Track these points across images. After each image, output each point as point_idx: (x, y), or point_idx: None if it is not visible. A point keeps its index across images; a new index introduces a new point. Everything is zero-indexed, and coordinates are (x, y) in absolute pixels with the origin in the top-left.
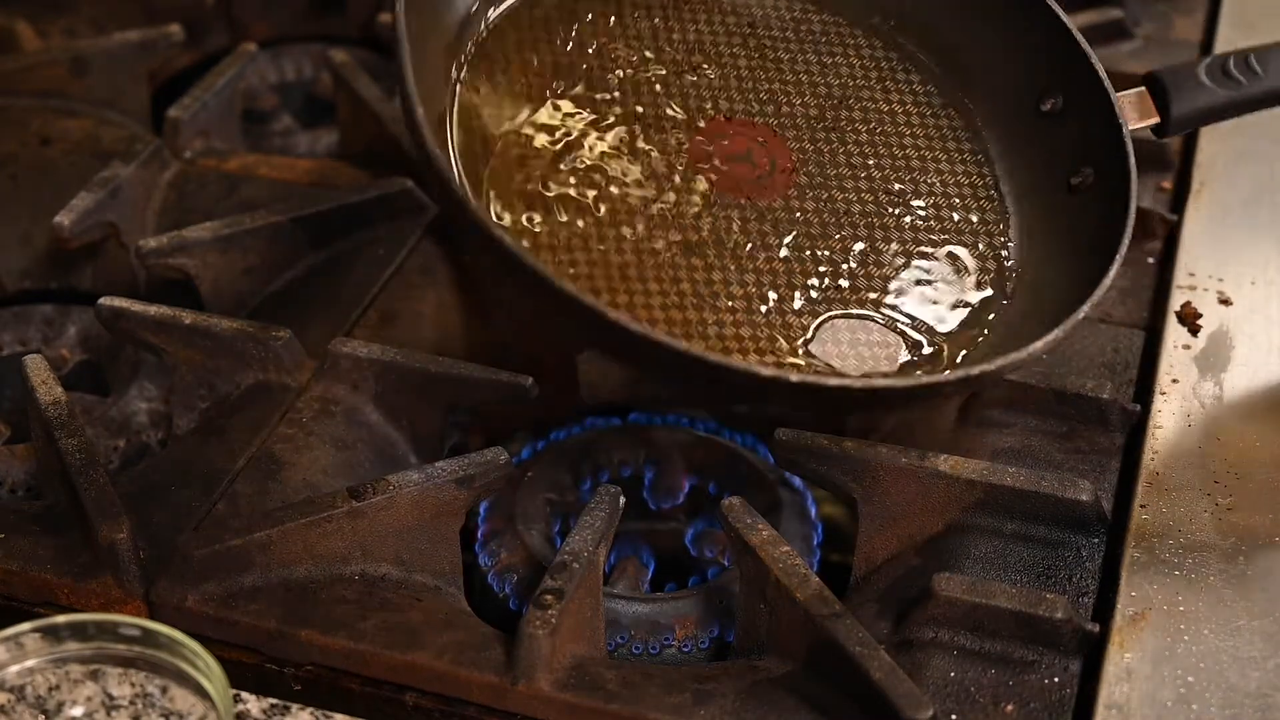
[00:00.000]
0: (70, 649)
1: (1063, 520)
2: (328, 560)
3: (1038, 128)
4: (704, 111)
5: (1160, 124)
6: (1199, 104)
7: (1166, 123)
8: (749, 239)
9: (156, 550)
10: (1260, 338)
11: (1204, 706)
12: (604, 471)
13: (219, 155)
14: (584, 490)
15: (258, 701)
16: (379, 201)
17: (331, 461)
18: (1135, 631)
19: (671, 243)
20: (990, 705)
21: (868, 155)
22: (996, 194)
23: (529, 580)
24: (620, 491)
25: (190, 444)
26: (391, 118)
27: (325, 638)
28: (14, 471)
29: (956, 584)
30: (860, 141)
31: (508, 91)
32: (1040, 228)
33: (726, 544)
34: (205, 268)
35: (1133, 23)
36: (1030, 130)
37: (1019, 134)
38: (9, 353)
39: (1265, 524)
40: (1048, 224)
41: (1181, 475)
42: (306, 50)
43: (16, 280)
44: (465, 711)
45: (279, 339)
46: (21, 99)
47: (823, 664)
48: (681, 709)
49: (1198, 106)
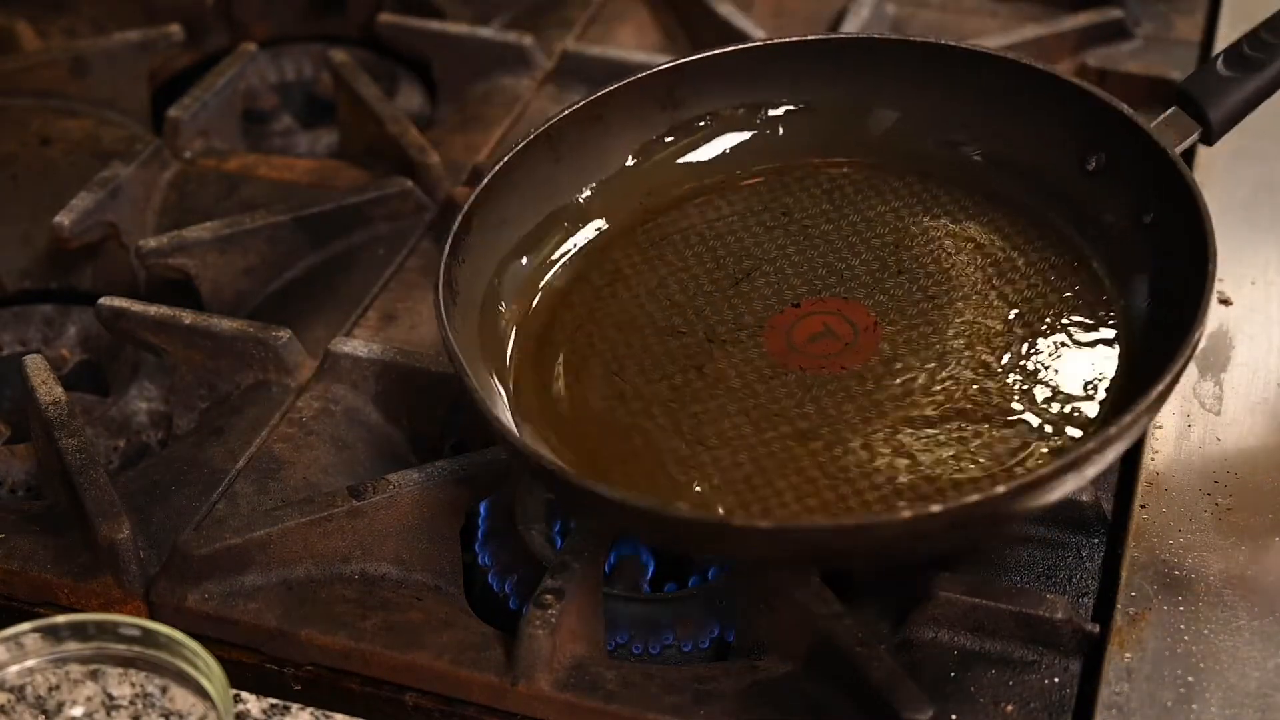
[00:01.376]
0: (70, 649)
1: (1063, 520)
2: (328, 560)
3: (1091, 189)
4: (771, 309)
5: (1204, 133)
6: (1233, 98)
7: (1210, 130)
8: (854, 403)
9: (156, 550)
10: (1260, 338)
11: (1204, 706)
12: None
13: (219, 155)
14: None
15: (258, 701)
16: (379, 201)
17: (331, 461)
18: (1135, 631)
19: (783, 435)
20: (990, 705)
21: (942, 283)
22: (1079, 262)
23: (529, 580)
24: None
25: (190, 444)
26: (391, 117)
27: (325, 637)
28: (14, 471)
29: (956, 584)
30: (931, 274)
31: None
32: (1127, 273)
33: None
34: (205, 268)
35: (1133, 23)
36: (1084, 193)
37: (1076, 201)
38: (9, 353)
39: (1265, 524)
40: (1133, 265)
41: (1181, 475)
42: (306, 50)
43: (16, 280)
44: (465, 711)
45: (279, 339)
46: (21, 99)
47: (823, 664)
48: (681, 709)
49: (1233, 101)
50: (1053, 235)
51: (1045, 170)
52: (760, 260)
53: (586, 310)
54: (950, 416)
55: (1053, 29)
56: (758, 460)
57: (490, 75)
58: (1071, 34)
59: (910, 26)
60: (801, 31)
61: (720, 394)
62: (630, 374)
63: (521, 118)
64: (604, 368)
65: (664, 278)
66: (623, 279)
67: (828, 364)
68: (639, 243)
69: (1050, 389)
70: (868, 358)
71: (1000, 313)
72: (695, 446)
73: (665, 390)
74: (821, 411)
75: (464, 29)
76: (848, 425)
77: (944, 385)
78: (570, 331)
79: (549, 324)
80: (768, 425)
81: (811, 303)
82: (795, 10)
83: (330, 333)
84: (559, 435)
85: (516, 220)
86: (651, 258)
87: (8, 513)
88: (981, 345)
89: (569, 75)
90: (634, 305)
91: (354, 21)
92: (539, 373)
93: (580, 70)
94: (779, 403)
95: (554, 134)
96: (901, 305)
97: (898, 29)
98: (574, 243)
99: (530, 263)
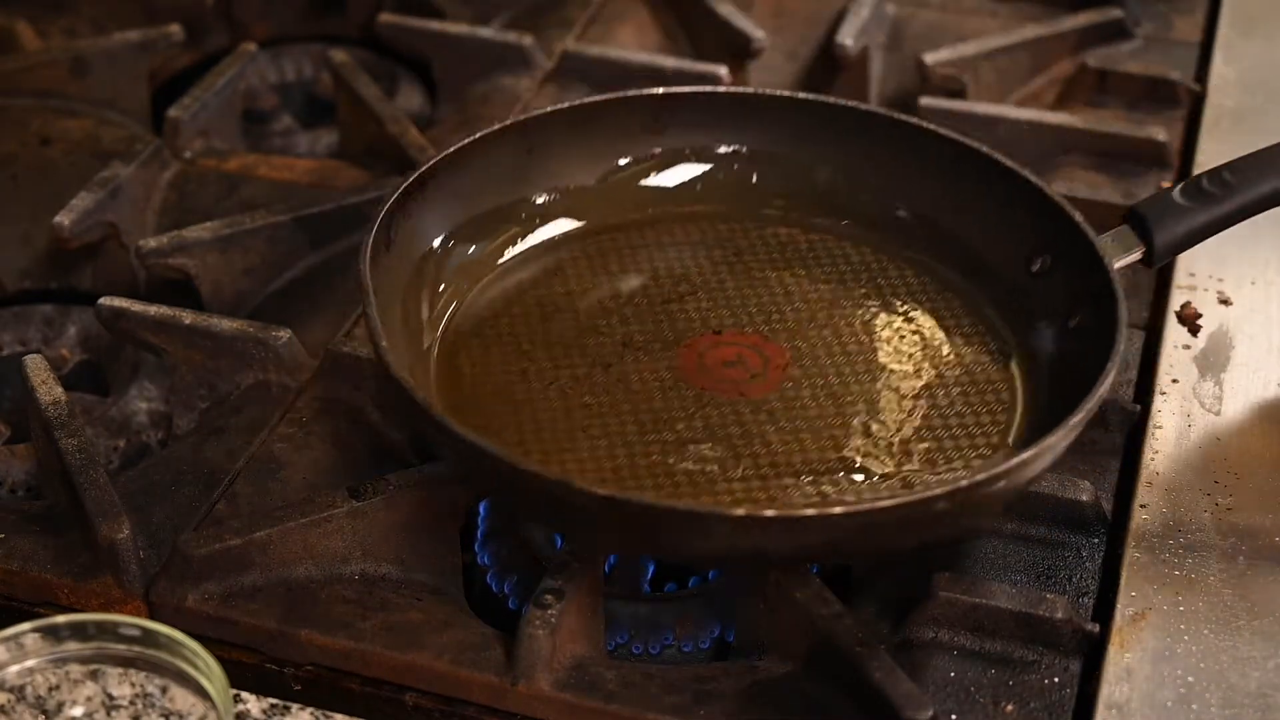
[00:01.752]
0: (70, 649)
1: (1063, 520)
2: (328, 560)
3: (1032, 288)
4: (692, 331)
5: (1145, 255)
6: (1181, 228)
7: (1151, 253)
8: (741, 428)
9: (156, 550)
10: (1260, 338)
11: (1204, 706)
12: None
13: (219, 155)
14: None
15: (258, 701)
16: (379, 201)
17: (331, 461)
18: (1135, 631)
19: (664, 441)
20: (990, 705)
21: (864, 344)
22: (1001, 353)
23: (529, 580)
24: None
25: (190, 444)
26: (391, 117)
27: (325, 638)
28: (14, 471)
29: (956, 584)
30: (855, 333)
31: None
32: (1043, 369)
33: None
34: (205, 268)
35: (1133, 23)
36: (1025, 291)
37: (1015, 298)
38: (9, 353)
39: (1265, 524)
40: (1051, 363)
41: (1181, 475)
42: (306, 50)
43: (16, 280)
44: (465, 711)
45: (279, 339)
46: (21, 99)
47: (823, 664)
48: (681, 709)
49: (1179, 232)
50: (983, 325)
51: (994, 263)
52: (697, 287)
53: (519, 294)
54: (827, 463)
55: (1053, 29)
56: (633, 458)
57: (490, 75)
58: (1071, 34)
59: (910, 26)
60: (801, 32)
61: (618, 392)
62: (539, 356)
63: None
64: (516, 346)
65: (601, 282)
66: (561, 275)
67: (728, 389)
68: (588, 249)
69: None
70: (768, 392)
71: (910, 385)
72: (577, 432)
73: (567, 377)
74: (708, 428)
75: (464, 29)
76: (728, 446)
77: (831, 434)
78: (497, 308)
79: (480, 305)
80: (652, 430)
81: (733, 333)
82: (795, 10)
83: (330, 333)
84: (455, 397)
85: (473, 197)
86: (595, 263)
87: (8, 513)
88: (880, 409)
89: (569, 75)
90: (564, 299)
91: (354, 21)
92: (455, 341)
93: (580, 70)
94: (670, 412)
95: (532, 126)
96: (817, 354)
97: (897, 29)
98: (526, 242)
99: (478, 251)
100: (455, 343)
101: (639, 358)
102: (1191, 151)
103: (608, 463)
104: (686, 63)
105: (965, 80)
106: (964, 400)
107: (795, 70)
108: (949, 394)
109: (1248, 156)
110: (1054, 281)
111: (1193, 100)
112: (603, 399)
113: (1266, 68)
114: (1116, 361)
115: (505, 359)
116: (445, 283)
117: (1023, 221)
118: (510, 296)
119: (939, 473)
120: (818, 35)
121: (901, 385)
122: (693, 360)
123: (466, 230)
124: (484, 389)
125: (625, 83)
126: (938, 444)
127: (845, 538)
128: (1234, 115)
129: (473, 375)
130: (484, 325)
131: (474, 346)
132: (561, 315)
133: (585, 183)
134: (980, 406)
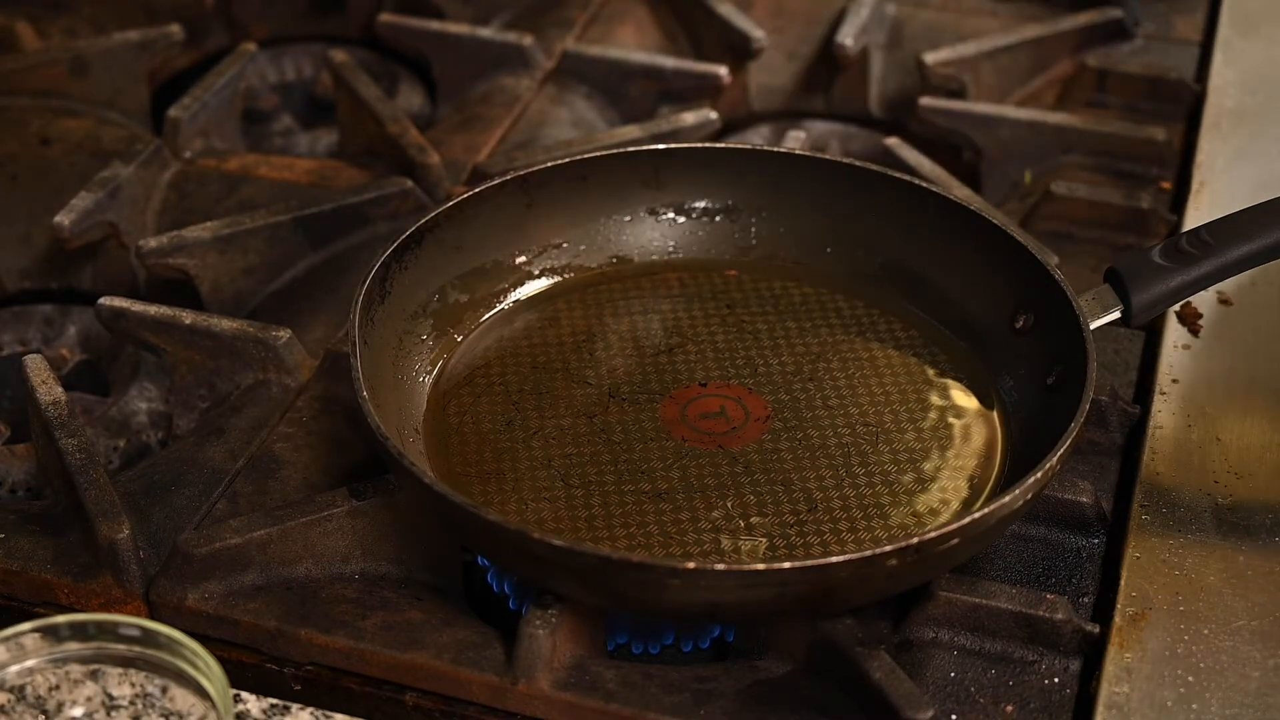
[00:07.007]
0: (70, 649)
1: (1063, 520)
2: (328, 559)
3: (1014, 345)
4: (679, 383)
5: (1123, 314)
6: (1158, 288)
7: (1129, 313)
8: (717, 479)
9: (156, 550)
10: (1260, 338)
11: (1204, 706)
12: None
13: (219, 155)
14: None
15: (258, 701)
16: (379, 201)
17: (331, 461)
18: (1135, 631)
19: (640, 491)
20: (990, 705)
21: (846, 399)
22: (981, 405)
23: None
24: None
25: (190, 444)
26: (391, 117)
27: (325, 637)
28: (14, 471)
29: (956, 584)
30: (839, 388)
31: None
32: (1024, 424)
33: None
34: (205, 268)
35: (1133, 23)
36: (1008, 347)
37: (999, 354)
38: (9, 353)
39: (1265, 524)
40: (1032, 420)
41: (1181, 475)
42: (306, 50)
43: (16, 280)
44: (465, 711)
45: (279, 339)
46: (21, 99)
47: (823, 664)
48: (681, 709)
49: (1158, 290)
50: (966, 379)
51: (980, 318)
52: (686, 340)
53: (512, 343)
54: (798, 516)
55: (1053, 29)
56: (608, 507)
57: (490, 75)
58: (1071, 34)
59: (910, 26)
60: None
61: (599, 443)
62: (526, 406)
63: (521, 118)
64: (505, 395)
65: (594, 334)
66: (555, 325)
67: (708, 440)
68: (585, 299)
69: (899, 520)
70: (747, 444)
71: (889, 439)
72: (556, 481)
73: (551, 427)
74: (685, 479)
75: (464, 29)
76: (702, 497)
77: (805, 487)
78: (490, 357)
79: (473, 354)
80: (629, 480)
81: (718, 385)
82: (795, 10)
83: (330, 333)
84: (440, 445)
85: (471, 249)
86: (590, 314)
87: (8, 513)
88: (855, 463)
89: (569, 75)
90: (555, 351)
91: (354, 21)
92: (446, 390)
93: (580, 70)
94: (649, 462)
95: (532, 181)
96: (799, 408)
97: (897, 29)
98: (521, 292)
99: (473, 301)
100: (446, 392)
101: (623, 408)
102: (1192, 151)
103: (583, 512)
104: (686, 62)
105: (965, 80)
106: (940, 454)
107: (795, 70)
108: (926, 448)
109: (1226, 218)
110: (1035, 338)
111: (1193, 100)
112: (584, 449)
113: (1266, 68)
114: (1080, 421)
115: (494, 408)
116: (439, 331)
117: (1009, 279)
118: (504, 346)
119: (909, 529)
120: (818, 35)
121: (880, 439)
122: (675, 412)
123: (462, 281)
124: (470, 437)
125: (625, 82)
126: (909, 499)
127: (802, 593)
128: (1234, 115)
129: (460, 424)
130: (475, 374)
131: (464, 395)
132: (552, 365)
133: (583, 235)
134: (956, 462)
